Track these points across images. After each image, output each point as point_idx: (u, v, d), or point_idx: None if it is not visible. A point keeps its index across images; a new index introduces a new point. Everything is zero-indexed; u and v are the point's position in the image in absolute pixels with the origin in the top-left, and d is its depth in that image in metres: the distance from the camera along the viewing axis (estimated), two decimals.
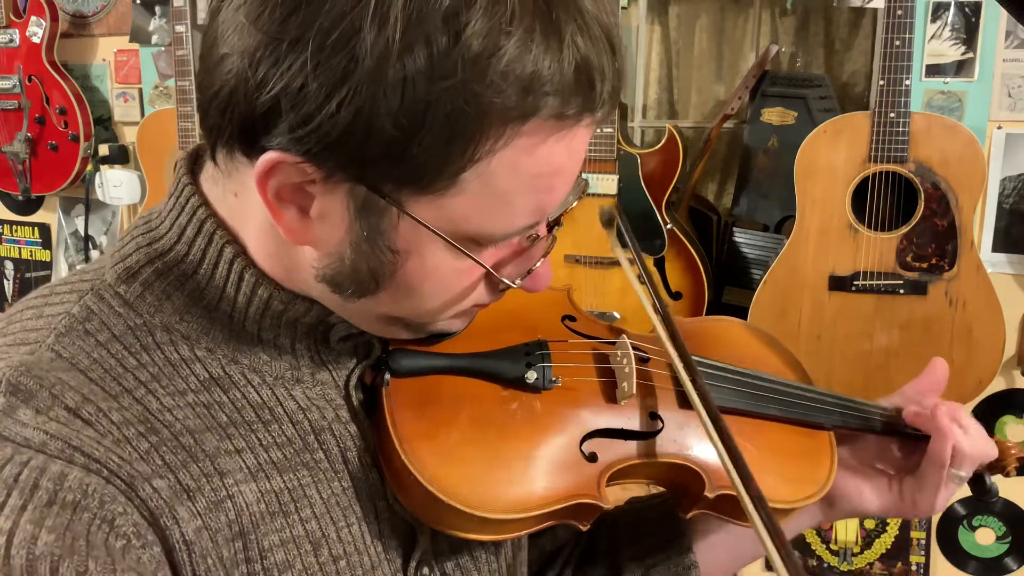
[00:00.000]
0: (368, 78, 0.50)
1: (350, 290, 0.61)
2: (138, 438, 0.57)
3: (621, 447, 0.72)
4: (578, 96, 0.54)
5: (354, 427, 0.68)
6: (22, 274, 2.86)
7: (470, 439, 0.67)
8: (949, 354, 1.77)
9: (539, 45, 0.51)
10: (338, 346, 0.68)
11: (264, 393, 0.64)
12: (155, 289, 0.63)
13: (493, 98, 0.51)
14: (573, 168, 0.59)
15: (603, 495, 0.68)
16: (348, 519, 0.66)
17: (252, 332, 0.64)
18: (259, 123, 0.54)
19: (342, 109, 0.51)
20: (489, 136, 0.53)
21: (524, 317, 0.77)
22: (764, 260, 1.93)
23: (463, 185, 0.55)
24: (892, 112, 1.70)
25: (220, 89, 0.55)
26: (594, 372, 0.75)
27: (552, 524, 0.69)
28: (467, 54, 0.50)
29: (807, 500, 0.76)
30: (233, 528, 0.60)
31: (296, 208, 0.57)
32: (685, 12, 2.17)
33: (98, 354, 0.60)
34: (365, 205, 0.56)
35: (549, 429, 0.70)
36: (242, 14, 0.53)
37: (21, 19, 2.50)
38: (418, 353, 0.69)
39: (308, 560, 0.63)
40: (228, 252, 0.62)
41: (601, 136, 1.89)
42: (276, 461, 0.63)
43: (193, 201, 0.63)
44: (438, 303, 0.63)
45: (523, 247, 0.63)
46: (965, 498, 2.07)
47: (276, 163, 0.54)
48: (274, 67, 0.52)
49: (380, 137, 0.52)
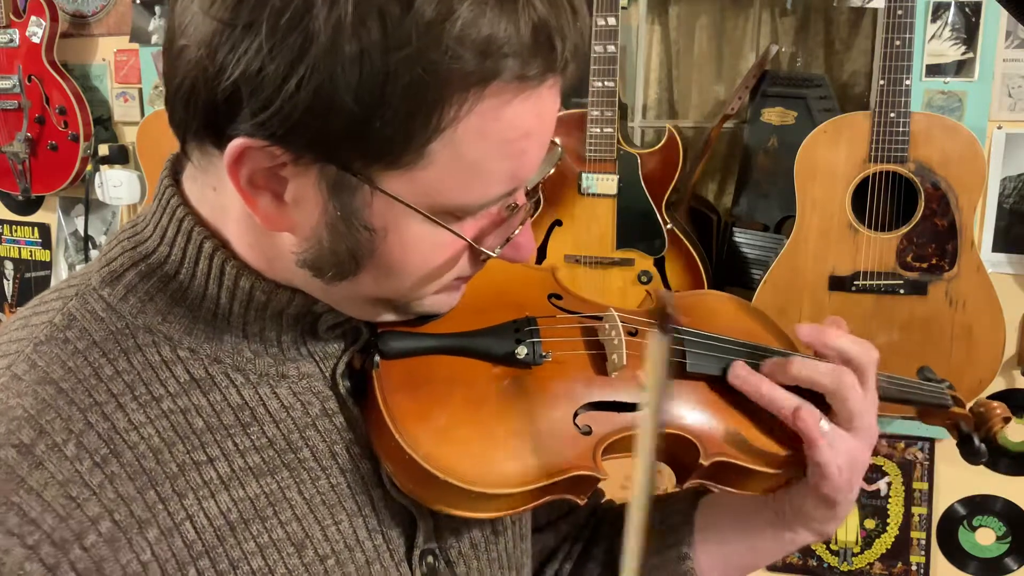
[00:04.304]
0: (324, 55, 0.50)
1: (331, 273, 0.61)
2: (92, 471, 0.57)
3: (615, 419, 0.72)
4: (538, 57, 0.54)
5: (341, 418, 0.68)
6: (22, 274, 2.86)
7: (464, 417, 0.67)
8: (949, 354, 1.77)
9: (493, 8, 0.51)
10: (326, 335, 0.67)
11: (247, 393, 0.64)
12: (138, 291, 0.63)
13: (451, 64, 0.51)
14: (543, 131, 0.59)
15: (599, 467, 0.69)
16: (336, 516, 0.66)
17: (237, 327, 0.64)
18: (222, 111, 0.54)
19: (301, 88, 0.51)
20: (452, 103, 0.53)
21: (511, 296, 0.77)
22: (764, 260, 1.93)
23: (432, 156, 0.55)
24: (892, 112, 1.70)
25: (182, 82, 0.55)
26: (583, 346, 0.75)
27: (552, 498, 0.69)
28: (420, 21, 0.50)
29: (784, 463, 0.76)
30: (194, 548, 0.59)
31: (270, 194, 0.58)
32: (685, 12, 2.17)
33: (74, 363, 0.60)
34: (337, 184, 0.56)
35: (542, 404, 0.70)
36: (196, 4, 0.54)
37: (21, 19, 2.50)
38: (407, 334, 0.69)
39: (292, 562, 0.63)
40: (208, 247, 0.62)
41: (601, 136, 1.89)
42: (253, 466, 0.63)
43: (173, 201, 0.63)
44: (420, 278, 0.63)
45: (502, 216, 0.63)
46: (965, 498, 2.07)
47: (243, 149, 0.54)
48: (231, 53, 0.52)
49: (342, 114, 0.52)
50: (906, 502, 2.10)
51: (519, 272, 0.76)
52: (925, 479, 2.08)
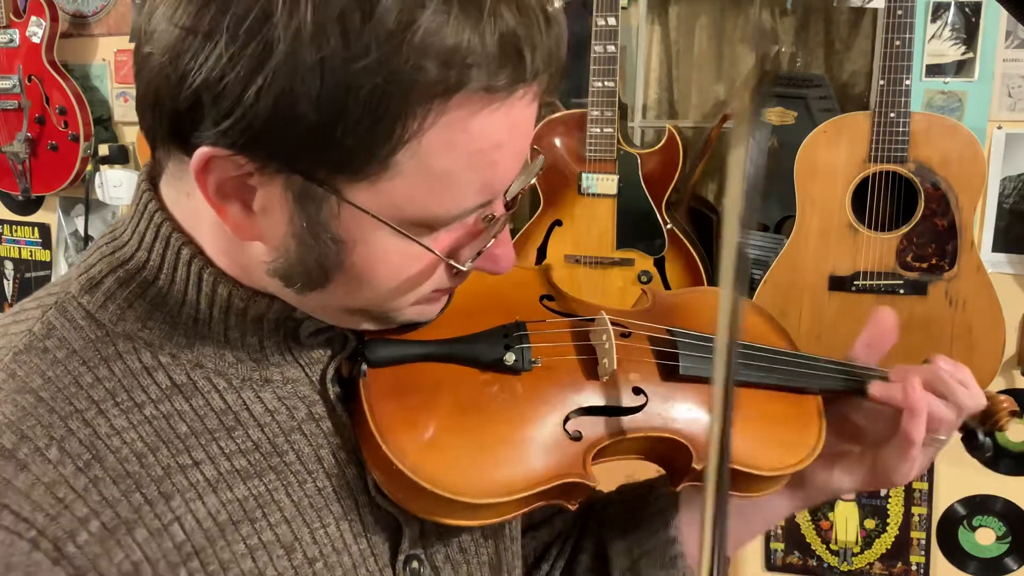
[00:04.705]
0: (284, 64, 0.50)
1: (299, 283, 0.60)
2: (76, 475, 0.57)
3: (605, 424, 0.71)
4: (506, 67, 0.53)
5: (328, 423, 0.67)
6: (22, 274, 2.86)
7: (451, 425, 0.66)
8: (949, 354, 1.76)
9: (457, 17, 0.51)
10: (309, 341, 0.67)
11: (229, 398, 0.63)
12: (117, 298, 0.62)
13: (413, 75, 0.50)
14: (517, 142, 0.58)
15: (589, 473, 0.68)
16: (324, 520, 0.65)
17: (218, 333, 0.63)
18: (185, 119, 0.54)
19: (261, 97, 0.51)
20: (415, 114, 0.52)
21: (501, 299, 0.76)
22: (764, 260, 1.93)
23: (399, 168, 0.54)
24: (892, 112, 1.70)
25: (147, 89, 0.55)
26: (574, 350, 0.74)
27: (542, 505, 0.69)
28: (381, 30, 0.49)
29: (795, 467, 0.76)
30: (184, 549, 0.59)
31: (239, 202, 0.57)
32: (685, 12, 2.17)
33: (53, 372, 0.60)
34: (303, 195, 0.55)
35: (531, 410, 0.69)
36: (160, 11, 0.53)
37: (21, 19, 2.50)
38: (394, 342, 0.68)
39: (281, 564, 0.62)
40: (185, 253, 0.61)
41: (601, 136, 1.89)
42: (239, 469, 0.62)
43: (151, 207, 0.63)
44: (393, 290, 0.62)
45: (479, 228, 0.61)
46: (965, 498, 2.07)
47: (208, 158, 0.54)
48: (192, 60, 0.51)
49: (304, 123, 0.51)
50: (906, 502, 2.10)
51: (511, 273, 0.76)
52: (925, 479, 2.08)
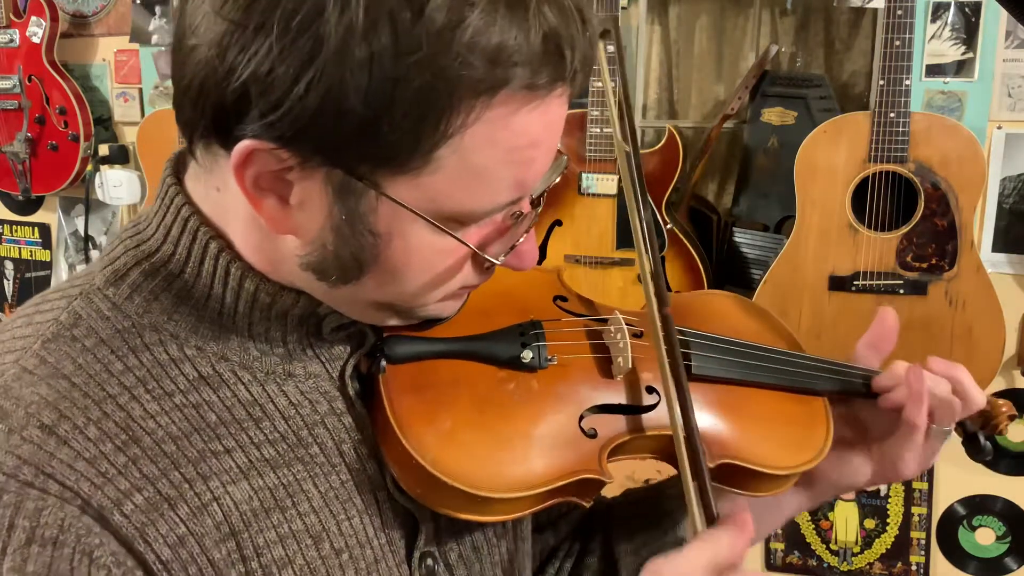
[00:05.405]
0: (334, 59, 0.50)
1: (334, 276, 0.61)
2: (115, 452, 0.57)
3: (620, 422, 0.72)
4: (548, 66, 0.54)
5: (349, 419, 0.68)
6: (22, 274, 2.86)
7: (469, 421, 0.67)
8: (949, 354, 1.77)
9: (504, 16, 0.51)
10: (331, 336, 0.67)
11: (255, 390, 0.64)
12: (143, 290, 0.63)
13: (461, 71, 0.51)
14: (550, 140, 0.59)
15: (605, 470, 0.69)
16: (348, 512, 0.66)
17: (242, 327, 0.64)
18: (231, 112, 0.54)
19: (310, 91, 0.51)
20: (460, 110, 0.53)
21: (516, 299, 0.77)
22: (764, 260, 1.93)
23: (440, 162, 0.55)
24: (892, 112, 1.71)
25: (191, 81, 0.55)
26: (589, 349, 0.75)
27: (557, 501, 0.69)
28: (431, 28, 0.50)
29: (805, 465, 0.77)
30: (222, 529, 0.60)
31: (276, 197, 0.57)
32: (685, 12, 2.17)
33: (84, 359, 0.60)
34: (343, 189, 0.56)
35: (548, 407, 0.70)
36: (207, 4, 0.53)
37: (21, 19, 2.50)
38: (413, 339, 0.69)
39: (309, 554, 0.63)
40: (213, 248, 0.62)
41: (601, 136, 1.89)
42: (269, 458, 0.63)
43: (177, 200, 0.63)
44: (424, 285, 0.63)
45: (507, 225, 0.62)
46: (965, 498, 2.07)
47: (251, 151, 0.54)
48: (241, 54, 0.52)
49: (351, 118, 0.52)
50: (906, 502, 2.10)
51: (524, 274, 0.77)
52: (925, 479, 2.08)
